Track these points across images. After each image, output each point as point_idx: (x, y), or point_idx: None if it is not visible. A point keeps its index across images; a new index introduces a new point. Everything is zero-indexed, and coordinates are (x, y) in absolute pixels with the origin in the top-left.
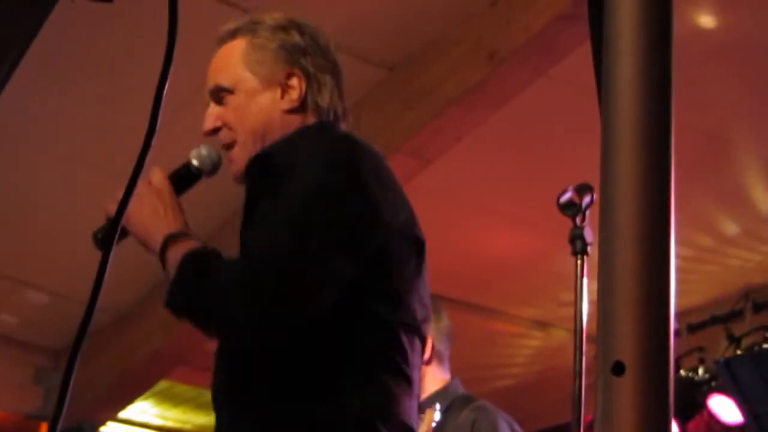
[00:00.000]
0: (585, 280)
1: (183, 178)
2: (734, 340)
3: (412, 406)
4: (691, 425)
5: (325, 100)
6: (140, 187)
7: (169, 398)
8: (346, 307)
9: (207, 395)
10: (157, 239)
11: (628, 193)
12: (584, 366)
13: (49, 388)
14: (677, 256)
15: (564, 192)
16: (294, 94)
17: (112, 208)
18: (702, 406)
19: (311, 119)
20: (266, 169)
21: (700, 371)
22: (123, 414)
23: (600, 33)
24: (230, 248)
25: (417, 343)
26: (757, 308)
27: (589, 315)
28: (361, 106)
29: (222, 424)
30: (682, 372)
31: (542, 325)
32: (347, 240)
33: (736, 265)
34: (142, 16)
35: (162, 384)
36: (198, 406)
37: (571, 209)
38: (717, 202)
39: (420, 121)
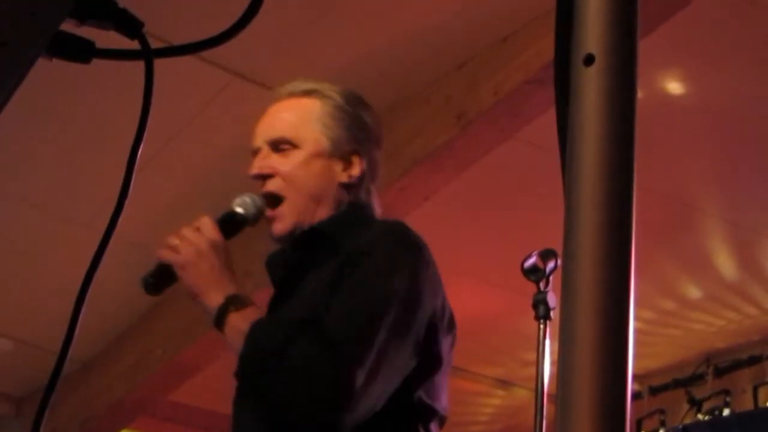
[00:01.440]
0: (547, 344)
1: (228, 227)
2: (695, 403)
3: None
4: None
5: (374, 184)
6: (195, 236)
7: None
8: (401, 396)
9: None
10: (215, 298)
11: (589, 263)
12: (545, 426)
13: None
14: (640, 319)
15: (528, 257)
16: (355, 171)
17: (166, 255)
18: None
19: (360, 198)
20: (317, 246)
21: None
22: None
23: (565, 104)
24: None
25: (439, 428)
26: (719, 372)
27: (551, 375)
28: None
29: None
30: None
31: (505, 383)
32: (417, 342)
33: (699, 329)
34: (118, 69)
35: None
36: None
37: (535, 274)
38: (680, 267)
39: (387, 179)
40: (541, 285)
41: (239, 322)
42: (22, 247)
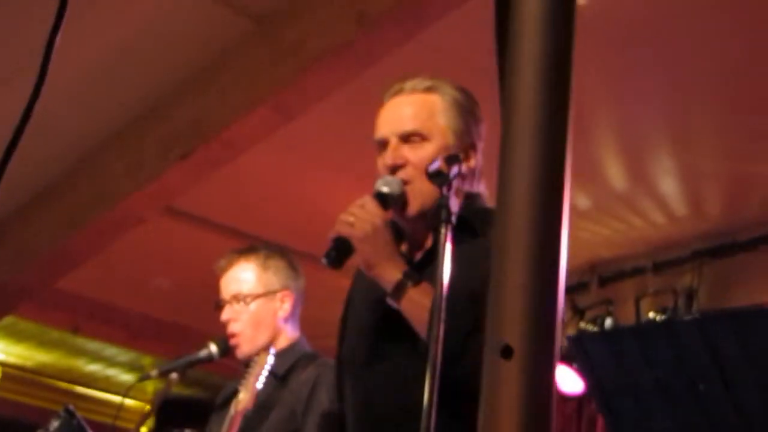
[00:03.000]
0: (448, 247)
1: (382, 206)
2: (578, 312)
3: None
4: None
5: (479, 174)
6: (367, 214)
7: (12, 334)
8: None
9: (51, 333)
10: (393, 273)
11: (524, 185)
12: (440, 332)
13: None
14: None
15: (433, 161)
16: (472, 164)
17: (344, 229)
18: None
19: (474, 188)
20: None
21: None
22: None
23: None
24: None
25: None
26: (602, 282)
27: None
28: (226, 56)
29: None
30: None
31: None
32: None
33: (585, 238)
34: None
35: (6, 319)
36: (41, 343)
37: (439, 178)
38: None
39: (286, 76)
40: (444, 189)
41: (420, 297)
42: None
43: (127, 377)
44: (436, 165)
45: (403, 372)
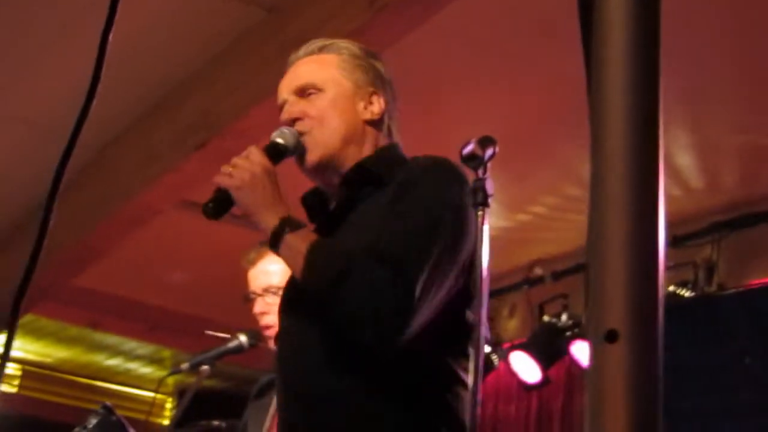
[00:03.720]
0: (486, 230)
1: (271, 156)
2: None
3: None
4: (552, 370)
5: (394, 127)
6: (247, 163)
7: (31, 332)
8: (447, 319)
9: (69, 330)
10: (271, 219)
11: (619, 164)
12: (485, 315)
13: None
14: (544, 205)
15: (467, 144)
16: (376, 109)
17: (221, 180)
18: (564, 351)
19: (383, 138)
20: (363, 182)
21: (564, 317)
22: None
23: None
24: None
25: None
26: None
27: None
28: (237, 46)
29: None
30: (546, 318)
31: None
32: (463, 266)
33: None
34: None
35: (25, 318)
36: (59, 340)
37: (474, 161)
38: (585, 152)
39: None
40: (479, 172)
41: (297, 243)
42: None
43: (146, 370)
44: (470, 148)
45: (306, 337)
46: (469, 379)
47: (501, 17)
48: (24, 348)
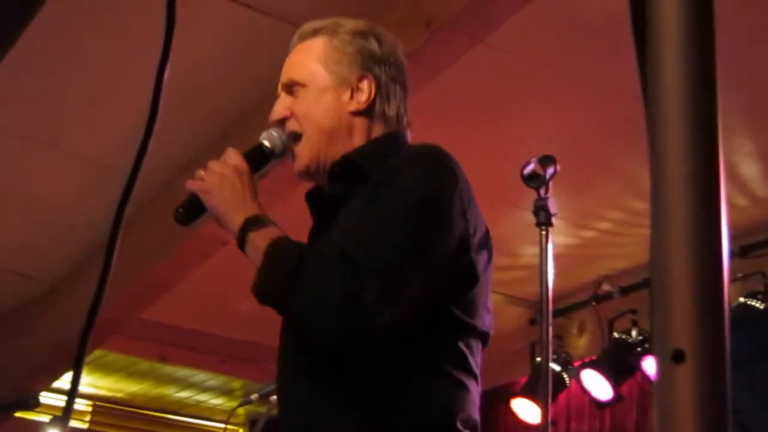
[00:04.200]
0: (550, 248)
1: (255, 160)
2: None
3: (478, 402)
4: (624, 387)
5: (392, 109)
6: (219, 165)
7: (101, 367)
8: (435, 312)
9: (139, 364)
10: (237, 219)
11: (680, 189)
12: (551, 336)
13: None
14: (610, 220)
15: (527, 164)
16: (362, 97)
17: (192, 184)
18: (636, 367)
19: (378, 126)
20: (351, 177)
21: (633, 333)
22: (55, 384)
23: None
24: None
25: (481, 346)
26: None
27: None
28: None
29: (294, 413)
30: (615, 334)
31: None
32: (445, 259)
33: None
34: None
35: (95, 353)
36: (130, 374)
37: (535, 180)
38: (647, 165)
39: None
40: (541, 191)
41: (258, 240)
42: None
43: (217, 402)
44: (531, 167)
45: (292, 339)
46: (472, 384)
47: (557, 34)
48: (94, 383)
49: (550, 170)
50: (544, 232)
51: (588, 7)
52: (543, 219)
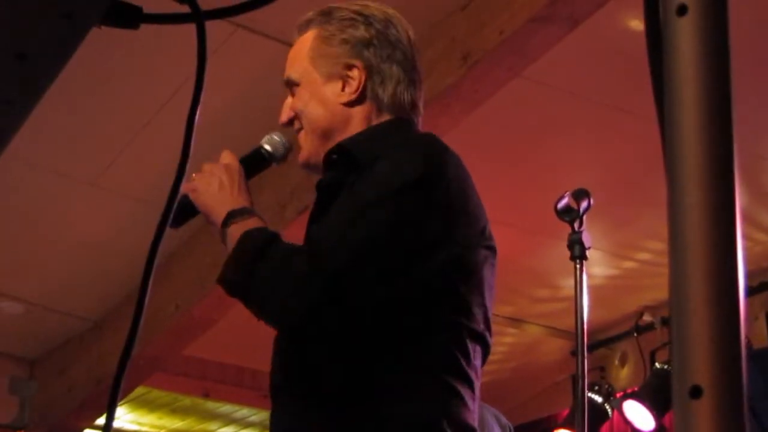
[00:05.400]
0: (585, 281)
1: (253, 163)
2: None
3: (474, 408)
4: (667, 418)
5: (387, 91)
6: (210, 165)
7: (144, 404)
8: (415, 310)
9: (182, 400)
10: (220, 213)
11: (696, 224)
12: (586, 367)
13: (24, 397)
14: (650, 251)
15: (561, 198)
16: (353, 86)
17: (186, 187)
18: None
19: (376, 111)
20: (345, 164)
21: None
22: (99, 420)
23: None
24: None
25: (479, 349)
26: None
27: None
28: None
29: (283, 416)
30: (657, 364)
31: (516, 321)
32: (416, 252)
33: None
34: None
35: (138, 390)
36: (173, 411)
37: (569, 214)
38: None
39: None
40: (576, 225)
41: (235, 232)
42: (27, 208)
43: None
44: (565, 201)
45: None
46: (466, 392)
47: (593, 65)
48: (137, 420)
49: (584, 204)
50: (579, 266)
51: (624, 38)
52: (578, 253)
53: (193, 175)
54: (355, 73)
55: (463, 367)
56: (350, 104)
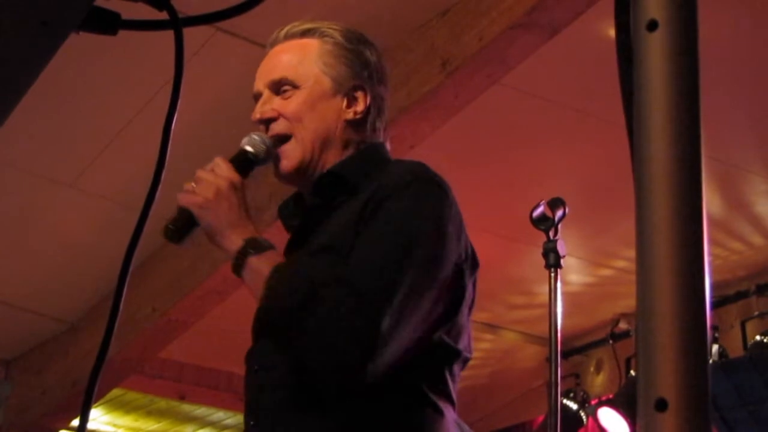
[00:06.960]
0: (559, 289)
1: (241, 167)
2: None
3: (451, 430)
4: None
5: (381, 123)
6: (212, 177)
7: (120, 406)
8: (421, 338)
9: (158, 402)
10: (234, 240)
11: (664, 232)
12: (559, 374)
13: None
14: (626, 259)
15: (536, 206)
16: (359, 107)
17: (184, 199)
18: None
19: (367, 136)
20: (341, 189)
21: None
22: (74, 422)
23: (629, 68)
24: None
25: (460, 371)
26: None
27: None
28: None
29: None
30: (633, 372)
31: (492, 327)
32: (443, 286)
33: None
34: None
35: (114, 392)
36: (149, 413)
37: (544, 223)
38: None
39: None
40: (551, 234)
41: (260, 266)
42: (3, 209)
43: None
44: (540, 210)
45: (271, 371)
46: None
47: (572, 74)
48: (113, 422)
49: (559, 213)
50: (553, 274)
51: (602, 47)
52: (553, 261)
53: (191, 185)
54: (360, 95)
55: (450, 389)
56: (351, 124)
